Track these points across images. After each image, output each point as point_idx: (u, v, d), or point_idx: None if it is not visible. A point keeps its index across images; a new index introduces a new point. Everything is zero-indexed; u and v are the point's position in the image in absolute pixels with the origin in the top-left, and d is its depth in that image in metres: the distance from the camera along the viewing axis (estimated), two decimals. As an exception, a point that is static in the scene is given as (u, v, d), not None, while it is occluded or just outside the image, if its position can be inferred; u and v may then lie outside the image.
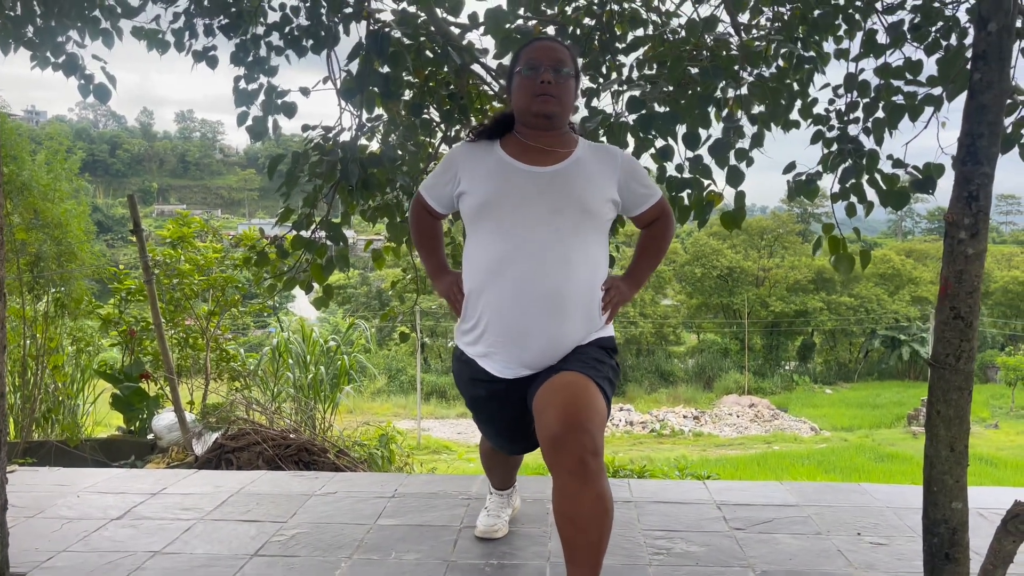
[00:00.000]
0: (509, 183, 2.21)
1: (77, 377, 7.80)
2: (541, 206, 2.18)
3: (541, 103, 2.21)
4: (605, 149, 2.35)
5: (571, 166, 2.25)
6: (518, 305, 2.15)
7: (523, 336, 2.17)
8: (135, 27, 4.26)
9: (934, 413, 2.12)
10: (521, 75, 2.23)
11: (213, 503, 3.42)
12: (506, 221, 2.18)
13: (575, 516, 1.93)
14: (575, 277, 2.17)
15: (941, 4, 3.81)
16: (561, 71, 2.21)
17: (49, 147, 8.62)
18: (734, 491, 3.57)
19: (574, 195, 2.19)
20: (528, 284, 2.14)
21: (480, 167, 2.28)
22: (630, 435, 29.06)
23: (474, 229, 2.27)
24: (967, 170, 2.04)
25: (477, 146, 2.34)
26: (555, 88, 2.20)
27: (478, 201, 2.22)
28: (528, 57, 2.23)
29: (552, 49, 2.24)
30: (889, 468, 22.17)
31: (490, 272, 2.19)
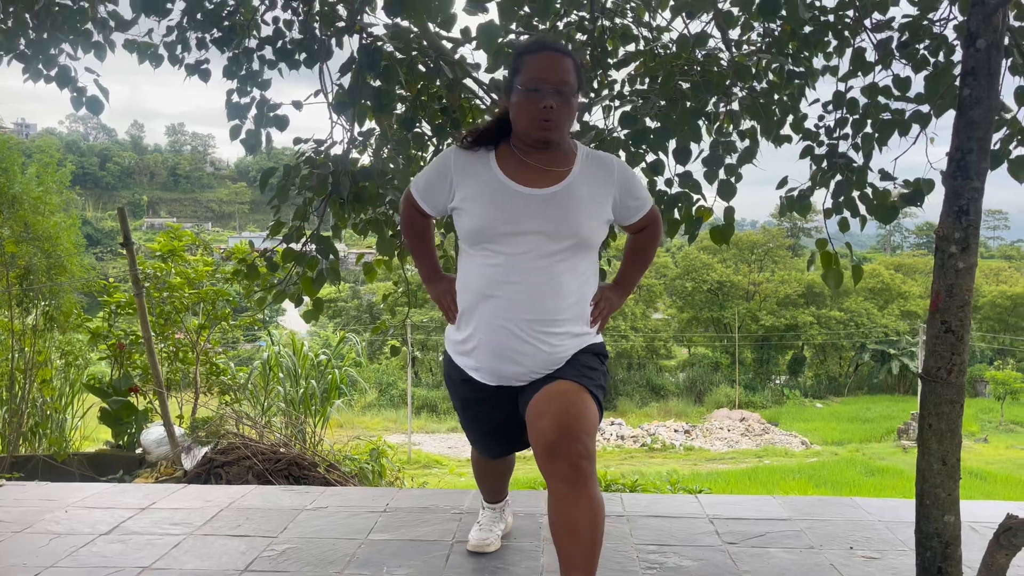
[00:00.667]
0: (504, 208, 2.17)
1: (66, 391, 7.74)
2: (538, 232, 2.16)
3: (542, 130, 2.16)
4: (601, 162, 2.30)
5: (568, 188, 2.21)
6: (508, 328, 2.18)
7: (512, 356, 2.20)
8: (128, 40, 4.26)
9: (926, 427, 2.12)
10: (522, 94, 2.14)
11: (203, 518, 3.39)
12: (500, 246, 2.18)
13: (569, 522, 1.99)
14: (566, 299, 2.20)
15: (929, 22, 3.85)
16: (564, 91, 2.13)
17: (40, 160, 8.60)
18: (726, 505, 3.56)
19: (570, 222, 2.17)
20: (519, 308, 2.17)
21: (475, 183, 2.22)
22: (621, 449, 29.01)
23: (467, 247, 2.27)
24: (957, 185, 2.06)
25: (471, 155, 2.28)
26: (557, 113, 2.13)
27: (474, 225, 2.20)
28: (531, 75, 2.13)
29: (557, 67, 2.13)
30: (880, 482, 22.20)
31: (482, 294, 2.21)
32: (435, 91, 4.14)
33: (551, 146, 2.22)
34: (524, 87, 2.13)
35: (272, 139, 4.20)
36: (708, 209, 4.01)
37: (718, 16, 4.04)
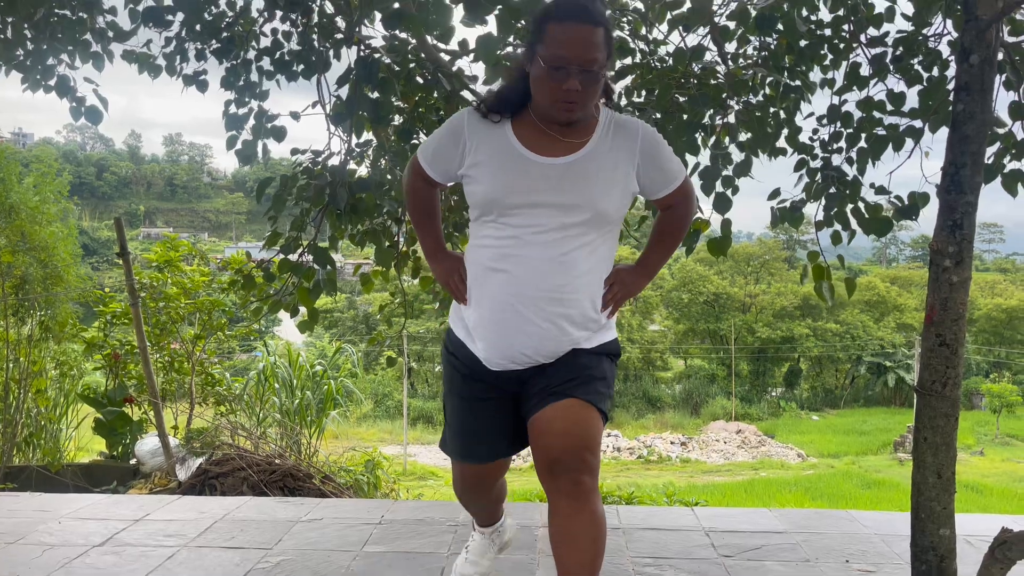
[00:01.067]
0: (519, 178, 2.03)
1: (60, 401, 7.72)
2: (551, 204, 2.02)
3: (564, 111, 1.98)
4: (625, 129, 2.09)
5: (587, 158, 2.04)
6: (513, 304, 2.04)
7: (516, 335, 2.05)
8: (126, 51, 4.27)
9: (921, 440, 2.13)
10: (544, 70, 1.93)
11: (197, 530, 3.38)
12: (512, 217, 2.03)
13: (570, 536, 1.98)
14: (578, 278, 2.04)
15: (923, 37, 3.88)
16: (591, 71, 1.92)
17: (37, 170, 8.60)
18: (722, 518, 3.56)
19: (587, 194, 2.02)
20: (525, 284, 2.02)
21: (489, 150, 2.07)
22: (618, 461, 28.96)
23: (478, 217, 2.12)
24: (951, 199, 2.07)
25: (486, 121, 2.10)
26: (582, 94, 1.94)
27: (484, 194, 2.05)
28: (554, 50, 1.91)
29: (585, 42, 1.90)
30: (876, 495, 22.18)
31: (489, 267, 2.07)
32: (433, 103, 4.15)
33: (572, 125, 2.05)
34: (547, 63, 1.92)
35: (269, 150, 4.21)
36: (705, 221, 4.03)
37: (714, 30, 4.07)
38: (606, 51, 1.95)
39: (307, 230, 4.09)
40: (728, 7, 4.12)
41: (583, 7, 1.94)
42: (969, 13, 2.09)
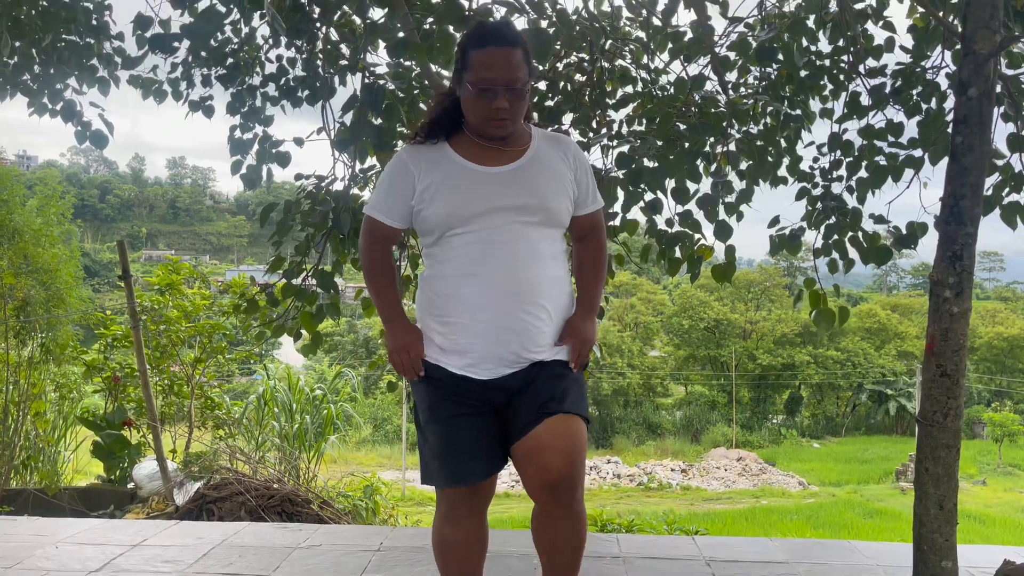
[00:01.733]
0: (472, 189, 2.11)
1: (59, 424, 7.70)
2: (506, 207, 2.10)
3: (496, 129, 2.10)
4: (557, 140, 2.26)
5: (529, 163, 2.16)
6: (494, 301, 2.09)
7: (501, 330, 2.09)
8: (132, 76, 4.32)
9: (923, 471, 2.12)
10: (474, 94, 2.06)
11: (194, 555, 3.36)
12: (473, 226, 2.10)
13: (556, 539, 2.18)
14: (546, 270, 2.14)
15: (922, 69, 3.92)
16: (516, 89, 2.05)
17: (42, 192, 8.65)
18: (723, 547, 3.54)
19: (538, 194, 2.13)
20: (502, 281, 2.09)
21: (436, 172, 2.14)
22: (617, 488, 28.74)
23: (439, 238, 2.16)
24: (951, 230, 2.09)
25: (424, 148, 2.18)
26: (510, 111, 2.07)
27: (444, 211, 2.11)
28: (480, 75, 2.04)
29: (506, 64, 2.04)
30: (878, 524, 21.98)
31: (462, 275, 2.11)
32: (436, 129, 4.18)
33: (507, 140, 2.17)
34: (475, 87, 2.05)
35: (273, 174, 4.24)
36: (709, 248, 4.05)
37: (715, 60, 4.12)
38: (527, 68, 2.08)
39: (310, 254, 4.10)
40: (728, 38, 4.18)
41: (498, 31, 2.10)
42: (967, 47, 2.12)
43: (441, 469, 2.18)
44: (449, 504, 2.23)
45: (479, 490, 2.20)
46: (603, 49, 4.26)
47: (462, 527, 2.22)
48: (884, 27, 4.08)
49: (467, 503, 2.21)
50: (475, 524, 2.24)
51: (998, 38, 2.08)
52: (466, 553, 2.25)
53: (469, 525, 2.23)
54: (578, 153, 2.26)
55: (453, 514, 2.22)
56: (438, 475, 2.19)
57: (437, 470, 2.19)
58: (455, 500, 2.21)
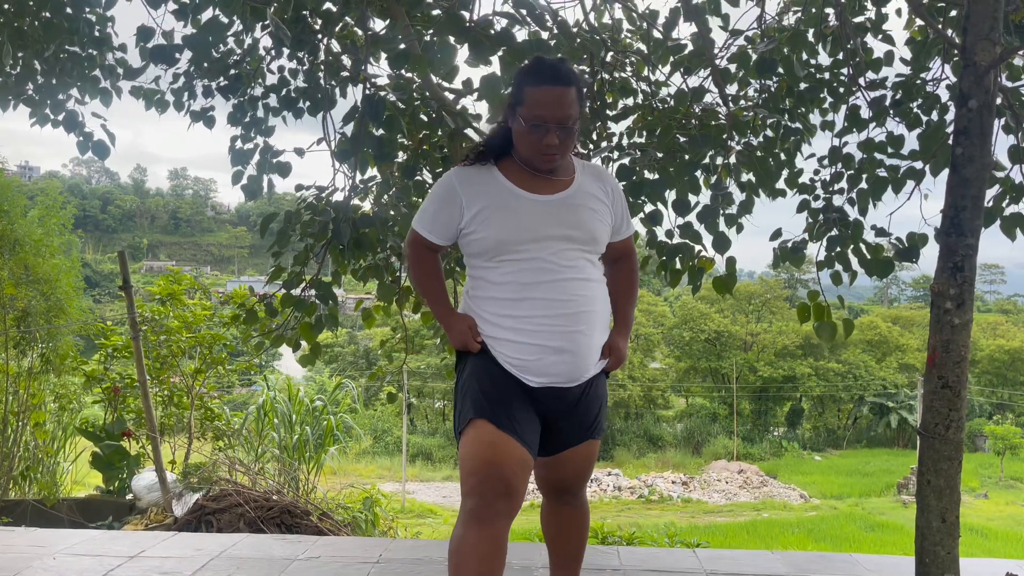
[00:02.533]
0: (521, 215, 2.19)
1: (58, 435, 7.68)
2: (554, 236, 2.19)
3: (546, 163, 2.21)
4: (597, 172, 2.39)
5: (576, 193, 2.26)
6: (550, 322, 2.16)
7: (555, 352, 2.16)
8: (134, 87, 4.33)
9: (924, 483, 2.11)
10: (526, 128, 2.14)
11: (193, 567, 3.34)
12: (523, 252, 2.17)
13: (564, 529, 2.43)
14: (595, 293, 2.24)
15: (922, 81, 3.93)
16: (567, 127, 2.15)
17: (43, 203, 8.66)
18: (724, 560, 3.52)
19: (583, 223, 2.22)
20: (555, 304, 2.16)
21: (486, 197, 2.22)
22: (618, 500, 28.64)
23: (488, 261, 2.23)
24: (951, 241, 2.08)
25: (474, 171, 2.27)
26: (561, 147, 2.16)
27: (494, 237, 2.18)
28: (533, 111, 2.12)
29: (559, 102, 2.12)
30: (880, 537, 21.88)
31: (515, 299, 2.18)
32: (437, 140, 4.20)
33: (555, 172, 2.27)
34: (527, 122, 2.13)
35: (274, 185, 4.24)
36: (710, 259, 4.04)
37: (715, 72, 4.13)
38: (579, 106, 2.18)
39: (310, 265, 4.10)
40: (729, 51, 4.19)
41: (555, 69, 2.16)
42: (967, 59, 2.12)
43: (479, 402, 2.14)
44: (480, 500, 2.04)
45: (512, 494, 2.05)
46: (604, 61, 4.27)
47: (489, 531, 2.03)
48: (883, 40, 4.09)
49: (503, 500, 2.05)
50: (503, 530, 2.06)
51: (998, 50, 2.09)
52: (489, 564, 2.04)
53: (497, 530, 2.04)
54: (615, 185, 2.40)
55: (483, 513, 2.03)
56: (475, 406, 2.14)
57: (475, 402, 2.14)
58: (489, 495, 2.04)
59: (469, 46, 3.23)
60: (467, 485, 2.07)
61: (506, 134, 2.26)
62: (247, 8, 3.61)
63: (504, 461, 2.05)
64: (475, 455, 2.07)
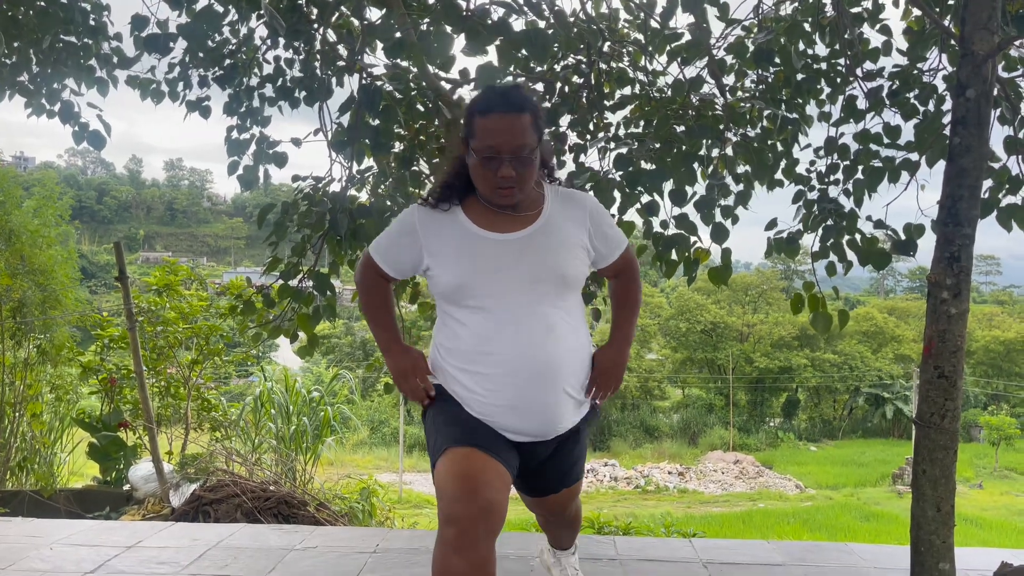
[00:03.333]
0: (482, 258, 2.05)
1: (55, 426, 7.67)
2: (517, 277, 2.05)
3: (503, 199, 2.04)
4: (573, 200, 2.19)
5: (542, 229, 2.10)
6: (510, 384, 2.04)
7: (519, 412, 2.06)
8: (130, 76, 4.31)
9: (920, 473, 2.12)
10: (479, 162, 2.00)
11: (190, 557, 3.35)
12: (484, 299, 2.05)
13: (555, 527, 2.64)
14: (562, 347, 2.08)
15: (919, 72, 3.92)
16: (522, 157, 1.99)
17: (40, 193, 8.63)
18: (720, 549, 3.53)
19: (549, 262, 2.07)
20: (517, 362, 2.03)
21: (445, 239, 2.09)
22: (615, 491, 28.73)
23: (449, 303, 2.12)
24: (948, 231, 2.09)
25: (435, 212, 2.13)
26: (517, 179, 2.00)
27: (452, 280, 2.07)
28: (485, 142, 1.98)
29: (510, 129, 1.97)
30: (875, 527, 21.99)
31: (476, 352, 2.06)
32: (433, 131, 4.19)
33: (516, 208, 2.10)
34: (479, 154, 1.99)
35: (270, 175, 4.23)
36: (706, 251, 4.04)
37: (712, 63, 4.12)
38: (535, 133, 2.01)
39: (307, 256, 4.10)
40: (726, 41, 4.18)
41: (505, 96, 2.01)
42: (965, 48, 2.12)
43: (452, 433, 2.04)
44: (458, 527, 1.86)
45: (493, 509, 1.89)
46: (601, 51, 4.26)
47: (474, 557, 1.85)
48: (880, 31, 4.08)
49: (483, 522, 1.87)
50: (489, 551, 1.89)
51: (996, 39, 2.08)
52: None
53: (482, 555, 1.86)
54: (595, 209, 2.20)
55: (464, 541, 1.85)
56: (446, 439, 2.03)
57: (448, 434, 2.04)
58: (467, 520, 1.86)
59: (465, 35, 3.22)
60: (444, 510, 1.89)
61: (467, 172, 2.11)
62: (242, -3, 3.59)
63: (480, 474, 1.93)
64: (450, 473, 1.94)
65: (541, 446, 2.15)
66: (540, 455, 2.17)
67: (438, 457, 2.01)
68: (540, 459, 2.17)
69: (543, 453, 2.17)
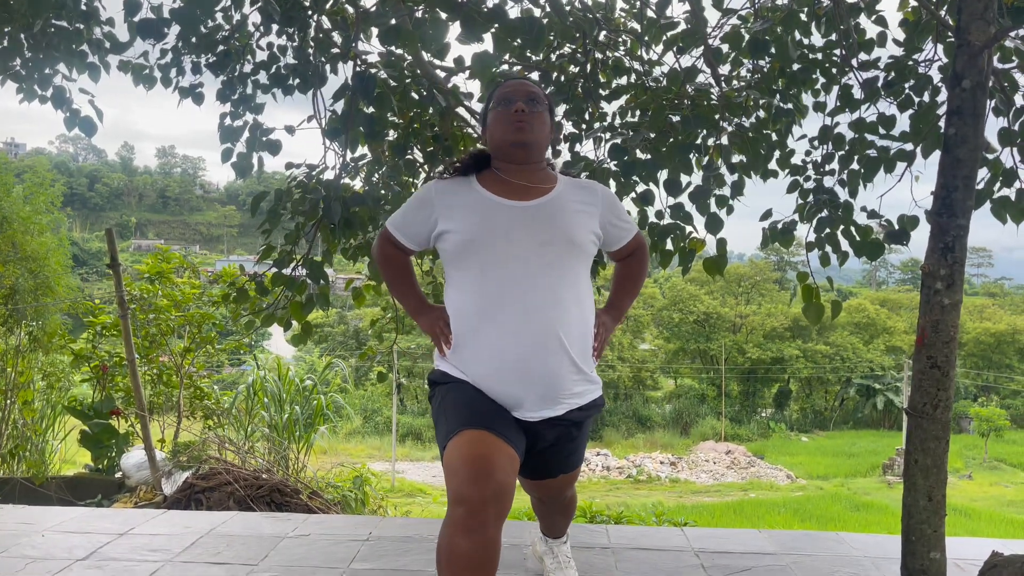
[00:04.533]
0: (493, 219, 2.15)
1: (47, 413, 7.65)
2: (527, 240, 2.12)
3: (517, 131, 2.19)
4: (585, 186, 2.31)
5: (554, 200, 2.21)
6: (515, 348, 2.08)
7: (523, 379, 2.10)
8: (122, 61, 4.27)
9: (912, 462, 2.13)
10: (496, 110, 2.24)
11: (182, 544, 3.34)
12: (492, 258, 2.11)
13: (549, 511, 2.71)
14: (568, 315, 2.13)
15: (914, 63, 3.92)
16: (534, 100, 2.22)
17: (31, 180, 8.59)
18: (712, 538, 3.55)
19: (559, 227, 2.15)
20: (523, 326, 2.08)
21: (459, 204, 2.20)
22: (607, 480, 28.87)
23: (458, 268, 2.19)
24: (943, 222, 2.09)
25: (452, 183, 2.27)
26: (529, 117, 2.19)
27: (462, 239, 2.14)
28: (501, 93, 2.25)
29: (524, 84, 2.27)
30: (865, 517, 22.16)
31: (482, 314, 2.12)
32: (428, 119, 4.17)
33: (529, 154, 2.22)
34: (496, 104, 2.24)
35: (263, 162, 4.21)
36: (701, 241, 4.04)
37: (708, 52, 4.10)
38: (547, 105, 2.27)
39: (300, 244, 4.08)
40: (722, 30, 4.17)
41: (523, 77, 2.42)
42: (961, 39, 2.12)
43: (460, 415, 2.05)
44: (468, 508, 1.87)
45: (503, 492, 1.90)
46: (596, 40, 4.25)
47: (481, 539, 1.86)
48: (876, 21, 4.08)
49: (492, 504, 1.88)
50: (495, 535, 1.90)
51: (992, 30, 2.08)
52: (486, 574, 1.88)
53: (489, 537, 1.87)
54: (606, 196, 2.32)
55: (473, 522, 1.85)
56: (458, 419, 2.04)
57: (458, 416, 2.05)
58: (477, 500, 1.87)
59: (461, 23, 3.20)
60: (454, 490, 1.90)
61: (482, 154, 2.32)
62: (236, -18, 3.56)
63: (492, 456, 1.93)
64: (461, 455, 1.94)
65: (548, 428, 2.16)
66: (546, 439, 2.19)
67: (449, 439, 2.01)
68: (545, 443, 2.20)
69: (549, 437, 2.19)
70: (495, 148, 2.26)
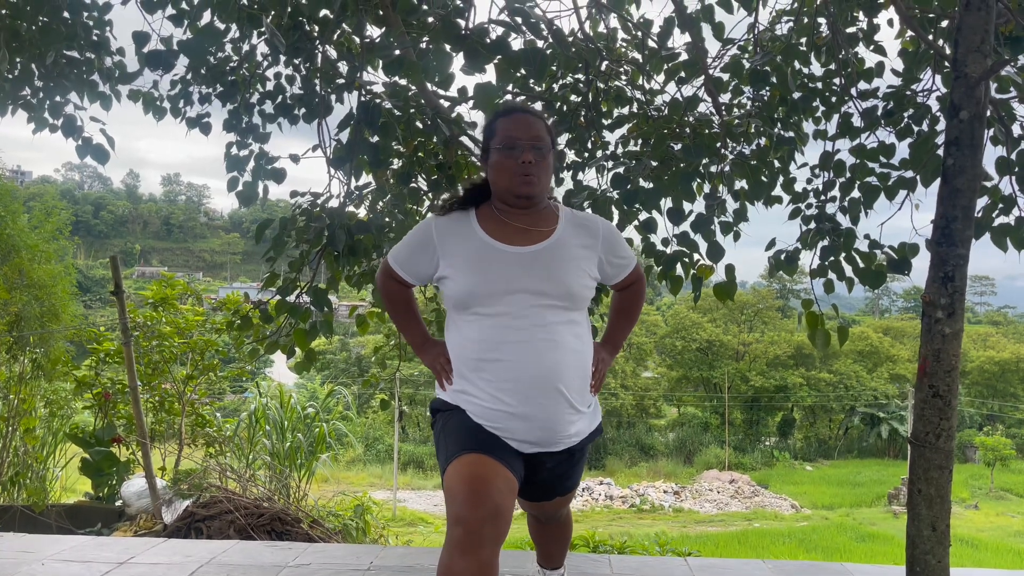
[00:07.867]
0: (493, 269, 2.15)
1: (48, 440, 7.63)
2: (526, 287, 2.13)
3: (523, 184, 2.16)
4: (585, 224, 2.29)
5: (553, 246, 2.20)
6: (513, 396, 2.11)
7: (522, 421, 2.13)
8: (132, 91, 4.33)
9: (915, 492, 2.12)
10: (500, 152, 2.17)
11: (182, 573, 3.33)
12: (493, 307, 2.13)
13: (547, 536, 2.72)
14: (566, 359, 2.15)
15: (913, 92, 3.96)
16: (540, 148, 2.17)
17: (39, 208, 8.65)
18: (716, 569, 3.52)
19: (557, 278, 2.16)
20: (521, 372, 2.11)
21: (460, 249, 2.20)
22: (610, 509, 28.62)
23: (459, 311, 2.22)
24: (942, 251, 2.10)
25: (453, 221, 2.25)
26: (536, 169, 2.16)
27: (464, 290, 2.16)
28: (505, 134, 2.18)
29: (529, 124, 2.19)
30: (870, 548, 21.92)
31: (479, 359, 2.15)
32: (432, 147, 4.21)
33: (533, 201, 2.21)
34: (501, 146, 2.17)
35: (268, 191, 4.25)
36: (710, 267, 4.05)
37: (709, 81, 4.15)
38: (549, 139, 2.22)
39: (304, 271, 4.10)
40: (722, 60, 4.22)
41: (523, 106, 2.37)
42: (959, 71, 2.15)
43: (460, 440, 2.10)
44: (465, 528, 1.90)
45: (500, 514, 1.94)
46: (599, 70, 4.30)
47: (476, 559, 1.88)
48: (875, 51, 4.13)
49: (490, 525, 1.91)
50: (492, 556, 1.92)
51: (989, 62, 2.11)
52: None
53: (486, 557, 1.90)
54: (607, 235, 2.30)
55: (470, 541, 1.89)
56: (458, 443, 2.09)
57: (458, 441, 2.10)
58: (475, 521, 1.90)
59: (464, 54, 3.24)
60: (452, 512, 1.94)
61: (482, 185, 2.30)
62: (243, 15, 3.62)
63: (490, 479, 1.99)
64: (460, 477, 2.00)
65: (548, 458, 2.20)
66: (545, 467, 2.22)
67: (449, 463, 2.06)
68: (544, 471, 2.24)
69: (548, 465, 2.22)
70: (498, 192, 2.24)
